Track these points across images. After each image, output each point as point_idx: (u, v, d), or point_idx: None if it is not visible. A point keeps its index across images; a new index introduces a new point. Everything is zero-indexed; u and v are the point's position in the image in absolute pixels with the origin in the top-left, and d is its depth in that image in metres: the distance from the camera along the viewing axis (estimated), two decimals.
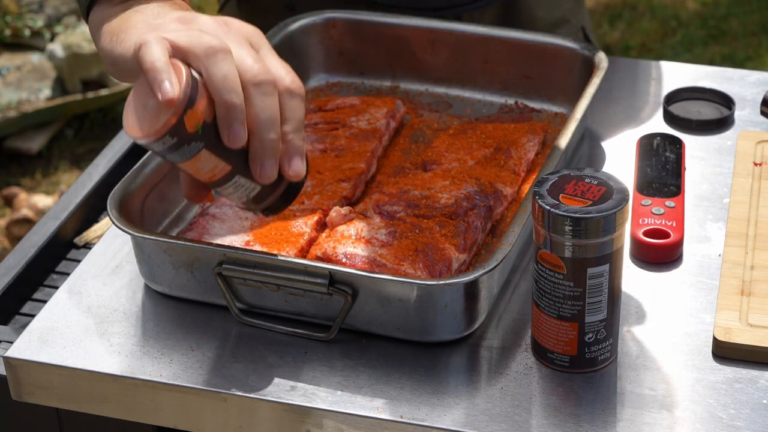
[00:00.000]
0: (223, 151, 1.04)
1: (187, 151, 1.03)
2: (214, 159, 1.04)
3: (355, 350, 1.14)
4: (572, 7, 1.65)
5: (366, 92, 1.52)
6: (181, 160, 1.04)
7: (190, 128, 1.01)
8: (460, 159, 1.33)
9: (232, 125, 1.02)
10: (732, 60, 3.66)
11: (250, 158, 1.05)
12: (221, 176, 1.06)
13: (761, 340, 1.12)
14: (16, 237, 3.02)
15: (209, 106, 1.03)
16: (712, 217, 1.30)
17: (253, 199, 1.09)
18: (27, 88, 3.49)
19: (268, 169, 1.05)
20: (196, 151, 1.03)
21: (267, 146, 1.04)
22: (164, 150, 1.03)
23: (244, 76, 1.03)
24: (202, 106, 1.02)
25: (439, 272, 1.17)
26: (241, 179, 1.07)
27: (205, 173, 1.06)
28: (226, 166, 1.05)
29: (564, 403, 1.09)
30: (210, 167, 1.05)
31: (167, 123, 1.00)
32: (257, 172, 1.05)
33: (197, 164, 1.05)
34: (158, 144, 1.02)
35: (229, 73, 1.02)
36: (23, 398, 1.17)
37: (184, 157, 1.04)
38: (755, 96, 1.50)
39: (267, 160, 1.04)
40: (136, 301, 1.21)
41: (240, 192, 1.08)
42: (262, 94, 1.03)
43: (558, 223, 1.05)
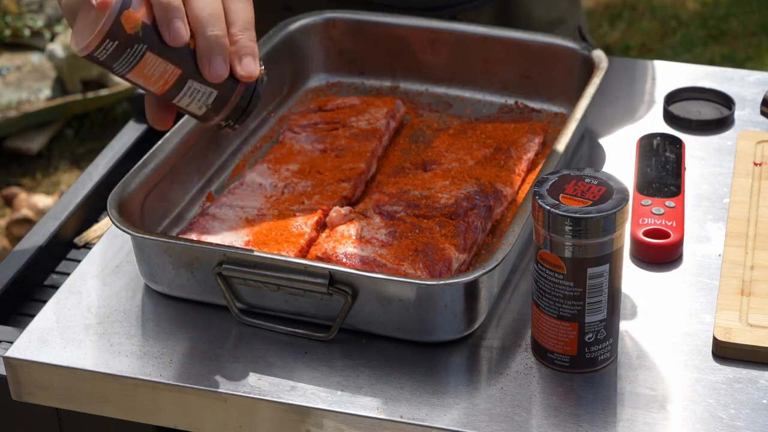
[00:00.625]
0: (168, 53, 1.07)
1: (131, 55, 1.06)
2: (161, 63, 1.07)
3: (355, 350, 1.14)
4: (568, 7, 1.65)
5: (366, 92, 1.52)
6: (129, 68, 1.06)
7: (128, 29, 1.04)
8: (460, 159, 1.33)
9: (171, 23, 1.04)
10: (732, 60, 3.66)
11: (198, 58, 1.07)
12: (173, 82, 1.08)
13: (761, 340, 1.12)
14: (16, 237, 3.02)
15: (147, 9, 1.06)
16: (712, 217, 1.30)
17: (212, 107, 1.11)
18: (27, 88, 3.49)
19: (217, 66, 1.06)
20: (141, 54, 1.06)
21: (212, 43, 1.06)
22: (109, 58, 1.05)
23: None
24: (139, 8, 1.05)
25: (439, 272, 1.17)
26: (195, 83, 1.09)
27: (157, 81, 1.08)
28: (176, 69, 1.07)
29: (564, 403, 1.09)
30: (159, 73, 1.07)
31: (104, 25, 1.03)
32: (207, 71, 1.07)
33: (145, 70, 1.07)
34: (102, 51, 1.05)
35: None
36: (23, 398, 1.17)
37: (131, 63, 1.06)
38: (755, 96, 1.50)
39: (214, 58, 1.06)
40: (136, 301, 1.21)
41: (197, 100, 1.10)
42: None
43: (558, 223, 1.05)
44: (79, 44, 1.05)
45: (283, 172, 1.32)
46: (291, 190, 1.29)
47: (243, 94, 1.11)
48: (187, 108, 1.11)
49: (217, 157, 1.37)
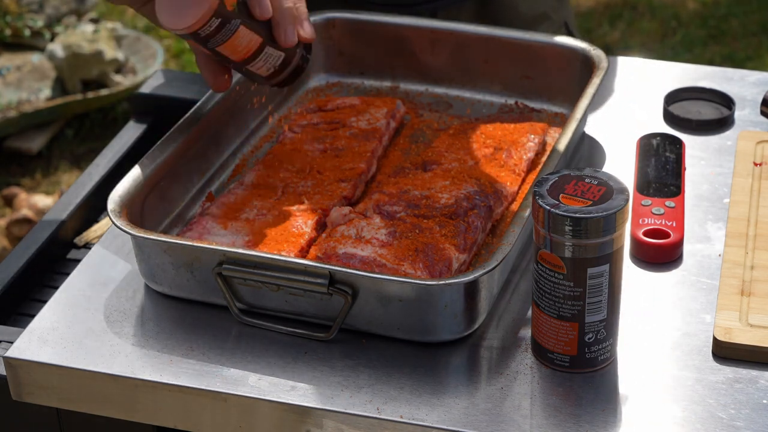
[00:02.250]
0: (255, 24, 1.22)
1: (228, 29, 1.19)
2: (249, 34, 1.22)
3: (355, 350, 1.14)
4: (553, 2, 1.64)
5: (366, 92, 1.52)
6: (223, 41, 1.20)
7: (229, 6, 1.18)
8: (460, 159, 1.33)
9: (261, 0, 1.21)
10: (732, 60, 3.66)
11: (275, 28, 1.24)
12: (254, 50, 1.24)
13: (761, 340, 1.12)
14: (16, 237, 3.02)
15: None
16: (712, 217, 1.30)
17: (279, 68, 1.28)
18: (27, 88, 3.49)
19: (290, 33, 1.25)
20: (236, 27, 1.20)
21: (286, 14, 1.25)
22: (209, 34, 1.18)
23: None
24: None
25: (439, 272, 1.17)
26: (269, 49, 1.25)
27: (242, 50, 1.22)
28: (258, 38, 1.23)
29: (564, 403, 1.09)
30: (246, 42, 1.22)
31: (211, 6, 1.16)
32: (282, 38, 1.24)
33: (236, 41, 1.21)
34: (205, 28, 1.17)
35: None
36: (23, 398, 1.17)
37: (226, 36, 1.20)
38: (755, 96, 1.50)
39: (288, 26, 1.25)
40: (136, 301, 1.21)
41: (268, 63, 1.26)
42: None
43: (558, 223, 1.05)
44: (179, 23, 1.16)
45: (283, 172, 1.32)
46: (291, 190, 1.29)
47: (301, 55, 1.29)
48: (257, 71, 1.27)
49: (217, 157, 1.37)
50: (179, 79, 1.65)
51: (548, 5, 1.64)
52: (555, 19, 1.64)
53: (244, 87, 1.40)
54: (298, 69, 1.30)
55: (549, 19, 1.63)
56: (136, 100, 1.62)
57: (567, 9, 1.68)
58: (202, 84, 1.61)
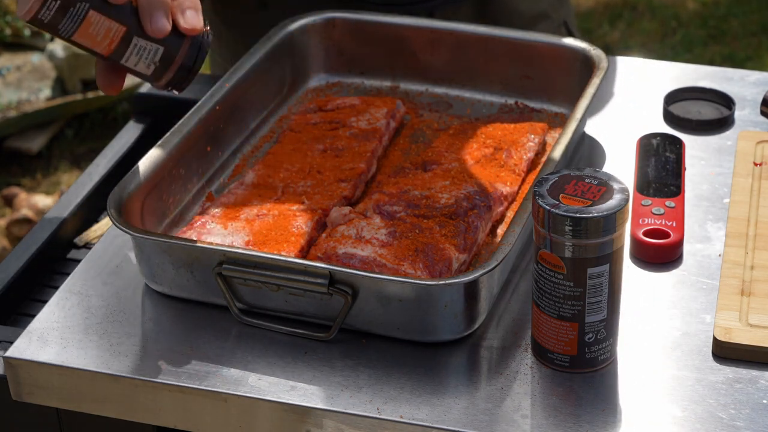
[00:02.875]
0: (112, 10, 1.07)
1: (74, 15, 1.06)
2: (105, 21, 1.08)
3: (355, 350, 1.14)
4: (553, 2, 1.64)
5: (366, 92, 1.52)
6: (74, 30, 1.07)
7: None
8: (460, 159, 1.33)
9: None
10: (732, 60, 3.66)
11: (140, 14, 1.08)
12: (119, 40, 1.09)
13: (761, 340, 1.12)
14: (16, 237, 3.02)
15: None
16: (712, 217, 1.30)
17: (160, 65, 1.12)
18: (27, 88, 3.49)
19: (158, 20, 1.07)
20: (84, 13, 1.06)
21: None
22: (53, 18, 1.06)
23: None
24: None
25: (439, 272, 1.17)
26: (140, 41, 1.10)
27: (102, 40, 1.09)
28: (120, 27, 1.08)
29: (564, 403, 1.09)
30: (104, 31, 1.08)
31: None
32: (148, 25, 1.08)
33: (90, 29, 1.08)
34: (46, 12, 1.05)
35: None
36: (23, 398, 1.17)
37: (75, 23, 1.07)
38: (755, 96, 1.50)
39: (155, 12, 1.07)
40: (136, 301, 1.21)
41: (145, 58, 1.11)
42: None
43: (558, 223, 1.05)
44: (22, 9, 1.06)
45: (283, 172, 1.32)
46: (291, 190, 1.29)
47: (189, 52, 1.12)
48: (135, 68, 1.12)
49: (217, 157, 1.37)
50: None
51: (548, 4, 1.63)
52: (554, 18, 1.64)
53: (243, 87, 1.40)
54: (186, 67, 1.13)
55: (548, 18, 1.63)
56: (136, 100, 1.62)
57: (567, 8, 1.68)
58: (203, 84, 1.61)
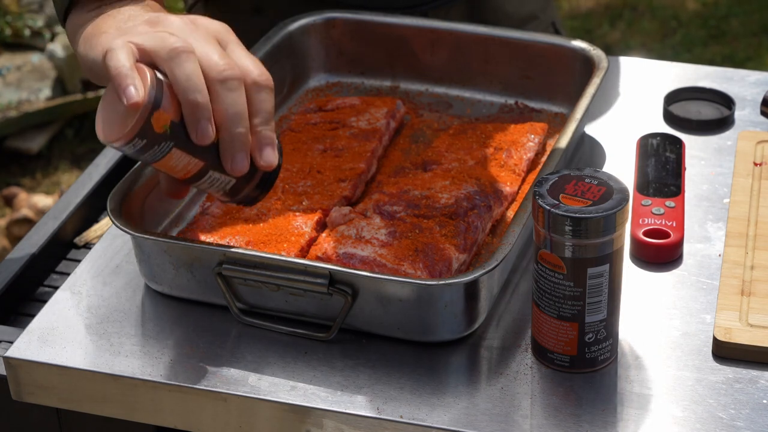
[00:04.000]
0: (193, 148, 1.07)
1: (158, 151, 1.06)
2: (186, 157, 1.08)
3: (355, 350, 1.14)
4: (541, 3, 1.65)
5: (366, 92, 1.52)
6: (153, 160, 1.08)
7: (158, 129, 1.05)
8: (460, 159, 1.33)
9: (198, 123, 1.05)
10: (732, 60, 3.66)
11: (221, 153, 1.08)
12: (195, 172, 1.09)
13: (761, 340, 1.12)
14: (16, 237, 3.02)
15: (176, 107, 1.06)
16: (712, 217, 1.30)
17: (230, 192, 1.13)
18: (27, 88, 3.49)
19: (239, 162, 1.08)
20: (167, 151, 1.07)
21: (236, 140, 1.07)
22: (136, 152, 1.06)
23: (209, 73, 1.05)
24: (169, 107, 1.05)
25: (439, 272, 1.17)
26: (215, 174, 1.10)
27: (179, 171, 1.09)
28: (198, 162, 1.09)
29: (564, 403, 1.09)
30: (183, 165, 1.08)
31: (135, 126, 1.04)
32: (229, 166, 1.08)
33: (170, 163, 1.08)
34: (129, 147, 1.06)
35: (192, 72, 1.05)
36: (23, 398, 1.17)
37: (156, 157, 1.07)
38: (755, 96, 1.50)
39: (237, 154, 1.07)
40: (136, 301, 1.21)
41: (216, 186, 1.12)
42: (228, 89, 1.06)
43: (558, 223, 1.05)
44: (107, 136, 1.06)
45: (283, 172, 1.32)
46: (291, 190, 1.29)
47: (259, 182, 1.13)
48: (205, 191, 1.13)
49: None
50: None
51: (536, 5, 1.64)
52: (543, 18, 1.65)
53: None
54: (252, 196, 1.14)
55: (537, 18, 1.64)
56: None
57: (553, 9, 1.69)
58: None
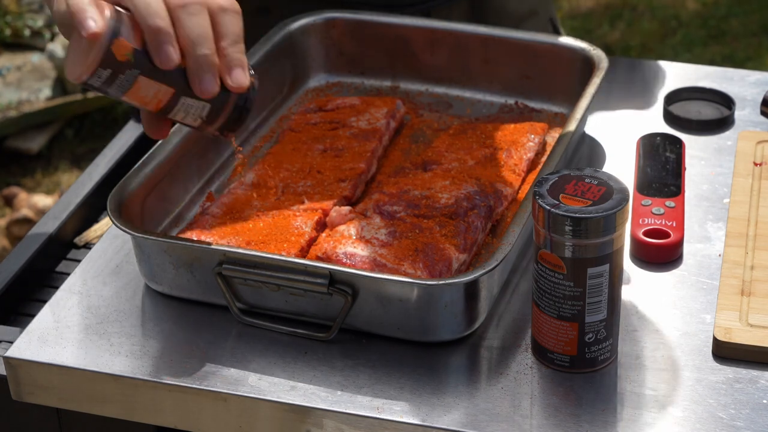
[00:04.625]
0: (160, 75, 1.09)
1: (124, 81, 1.08)
2: (154, 84, 1.09)
3: (355, 350, 1.14)
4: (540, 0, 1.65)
5: (366, 92, 1.52)
6: (123, 92, 1.09)
7: (120, 57, 1.06)
8: (460, 159, 1.33)
9: (160, 48, 1.07)
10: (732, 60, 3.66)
11: (189, 76, 1.09)
12: (167, 101, 1.10)
13: (761, 340, 1.12)
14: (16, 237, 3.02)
15: (139, 36, 1.08)
16: (712, 217, 1.30)
17: (207, 119, 1.13)
18: (27, 88, 3.49)
19: (207, 83, 1.09)
20: (133, 79, 1.08)
21: (202, 62, 1.08)
22: (104, 84, 1.08)
23: (170, 2, 1.08)
24: (130, 37, 1.07)
25: (439, 272, 1.17)
26: (188, 100, 1.11)
27: (151, 100, 1.10)
28: (168, 89, 1.10)
29: (564, 403, 1.09)
30: (153, 93, 1.09)
31: (96, 56, 1.06)
32: (197, 88, 1.09)
33: (139, 93, 1.09)
34: (95, 79, 1.07)
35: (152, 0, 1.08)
36: (23, 398, 1.17)
37: (125, 87, 1.08)
38: (755, 96, 1.50)
39: (204, 75, 1.09)
40: (136, 301, 1.21)
41: (192, 114, 1.12)
42: (188, 14, 1.08)
43: (558, 223, 1.05)
44: (73, 73, 1.07)
45: (283, 172, 1.32)
46: (291, 190, 1.29)
47: (236, 104, 1.13)
48: (182, 121, 1.13)
49: (217, 157, 1.37)
50: None
51: (535, 2, 1.64)
52: (542, 14, 1.65)
53: None
54: (232, 119, 1.14)
55: (536, 15, 1.64)
56: None
57: (551, 5, 1.69)
58: None
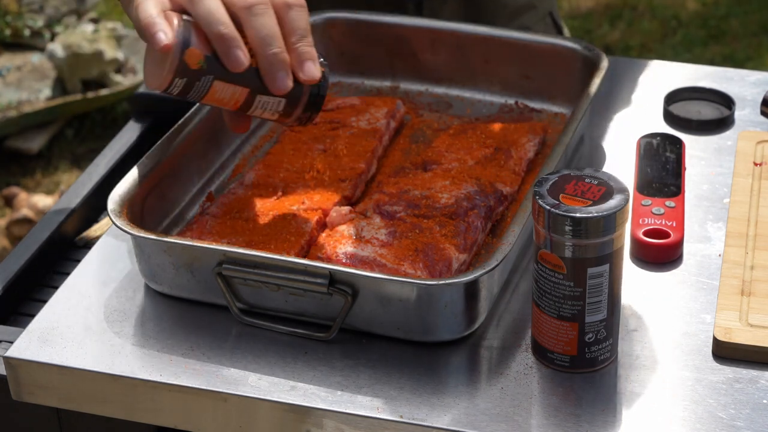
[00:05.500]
0: (233, 77, 1.14)
1: (201, 87, 1.14)
2: (229, 87, 1.15)
3: (355, 350, 1.14)
4: None
5: (366, 92, 1.52)
6: (201, 97, 1.15)
7: (193, 66, 1.13)
8: (460, 159, 1.33)
9: (229, 53, 1.12)
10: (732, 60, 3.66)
11: (262, 76, 1.14)
12: (244, 100, 1.16)
13: (761, 340, 1.12)
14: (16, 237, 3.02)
15: (207, 43, 1.13)
16: (712, 217, 1.30)
17: (284, 113, 1.19)
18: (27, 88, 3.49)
19: (280, 81, 1.14)
20: (209, 84, 1.14)
21: (273, 61, 1.13)
22: (182, 92, 1.14)
23: (235, 4, 1.12)
24: (199, 44, 1.13)
25: (439, 272, 1.17)
26: (263, 97, 1.16)
27: (229, 101, 1.16)
28: (243, 90, 1.15)
29: (564, 403, 1.09)
30: (229, 95, 1.15)
31: (171, 68, 1.12)
32: (272, 86, 1.14)
33: (216, 96, 1.15)
34: (174, 88, 1.14)
35: (212, 7, 1.12)
36: (23, 398, 1.17)
37: (202, 93, 1.15)
38: (755, 96, 1.50)
39: (277, 73, 1.13)
40: (136, 301, 1.21)
41: (269, 109, 1.18)
42: (254, 15, 1.12)
43: (558, 223, 1.05)
44: (151, 83, 1.15)
45: (283, 172, 1.32)
46: (291, 190, 1.29)
47: (310, 94, 1.19)
48: (261, 116, 1.19)
49: (217, 157, 1.37)
50: None
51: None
52: (540, 8, 1.64)
53: None
54: (311, 106, 1.20)
55: (533, 8, 1.63)
56: (136, 100, 1.62)
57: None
58: None
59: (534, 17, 1.63)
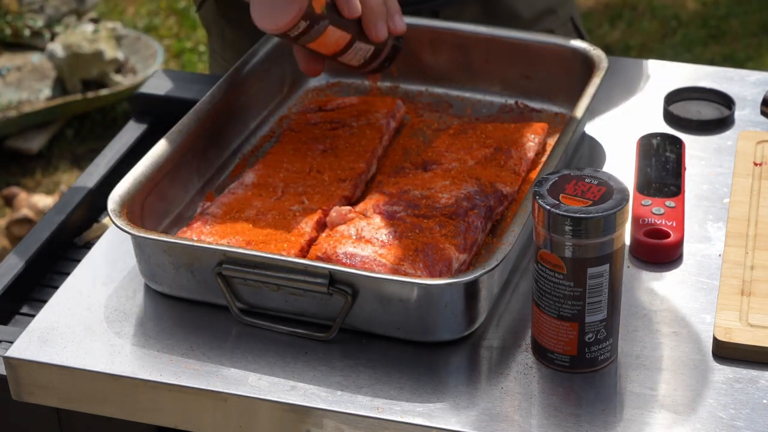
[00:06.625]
0: (344, 23, 1.29)
1: (316, 30, 1.26)
2: (338, 32, 1.29)
3: (355, 350, 1.14)
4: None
5: (366, 92, 1.52)
6: (311, 40, 1.27)
7: (317, 9, 1.26)
8: (460, 159, 1.33)
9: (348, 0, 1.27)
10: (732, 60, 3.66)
11: (365, 24, 1.30)
12: (344, 45, 1.31)
13: (761, 340, 1.12)
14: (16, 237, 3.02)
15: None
16: (712, 217, 1.30)
17: (369, 60, 1.35)
18: (27, 88, 3.49)
19: (381, 29, 1.31)
20: (324, 28, 1.27)
21: (377, 11, 1.31)
22: (300, 34, 1.26)
23: None
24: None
25: (439, 272, 1.17)
26: (360, 44, 1.32)
27: (330, 46, 1.30)
28: (346, 35, 1.30)
29: (564, 403, 1.09)
30: (335, 40, 1.29)
31: (300, 10, 1.23)
32: (373, 34, 1.31)
33: (324, 40, 1.28)
34: (294, 30, 1.25)
35: None
36: (23, 398, 1.17)
37: (315, 36, 1.27)
38: (755, 96, 1.50)
39: (379, 22, 1.31)
40: (136, 301, 1.21)
41: (358, 56, 1.33)
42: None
43: (558, 223, 1.05)
44: (272, 24, 1.24)
45: (283, 172, 1.32)
46: (291, 190, 1.29)
47: (392, 47, 1.36)
48: (348, 62, 1.34)
49: (217, 157, 1.37)
50: (179, 79, 1.65)
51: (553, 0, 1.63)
52: (561, 13, 1.64)
53: (243, 87, 1.40)
54: (389, 58, 1.37)
55: (554, 13, 1.63)
56: (136, 100, 1.62)
57: (571, 3, 1.67)
58: (203, 84, 1.61)
59: (555, 22, 1.62)
